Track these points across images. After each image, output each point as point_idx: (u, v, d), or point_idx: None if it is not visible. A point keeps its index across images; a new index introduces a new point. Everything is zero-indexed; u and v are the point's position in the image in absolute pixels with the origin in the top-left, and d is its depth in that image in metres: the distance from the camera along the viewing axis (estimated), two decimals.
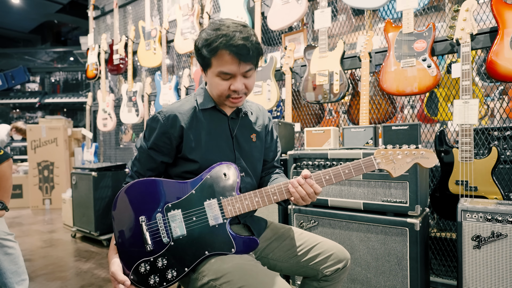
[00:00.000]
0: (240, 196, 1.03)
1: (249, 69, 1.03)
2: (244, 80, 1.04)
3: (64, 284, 2.28)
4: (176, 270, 0.98)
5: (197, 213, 1.01)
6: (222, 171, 1.04)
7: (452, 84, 2.06)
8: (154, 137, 1.08)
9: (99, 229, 3.15)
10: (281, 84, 2.71)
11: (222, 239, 1.00)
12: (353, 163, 1.03)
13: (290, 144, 2.23)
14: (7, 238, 1.76)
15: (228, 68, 1.00)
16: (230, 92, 1.04)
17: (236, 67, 1.00)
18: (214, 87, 1.06)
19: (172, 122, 1.07)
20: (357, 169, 1.02)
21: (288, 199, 1.05)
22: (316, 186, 1.01)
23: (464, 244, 1.42)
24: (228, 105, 1.10)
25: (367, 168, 1.03)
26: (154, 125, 1.08)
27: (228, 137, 1.14)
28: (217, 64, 1.01)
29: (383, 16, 2.47)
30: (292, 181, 1.02)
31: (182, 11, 3.29)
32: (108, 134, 4.62)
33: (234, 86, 1.03)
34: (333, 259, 1.11)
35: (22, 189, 5.33)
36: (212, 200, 1.02)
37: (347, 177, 1.03)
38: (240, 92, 1.05)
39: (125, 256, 1.00)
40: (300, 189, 1.00)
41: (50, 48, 9.08)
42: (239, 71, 1.01)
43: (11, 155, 1.84)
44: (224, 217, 1.01)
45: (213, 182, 1.03)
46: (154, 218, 1.00)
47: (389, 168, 1.03)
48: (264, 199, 1.03)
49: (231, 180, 1.04)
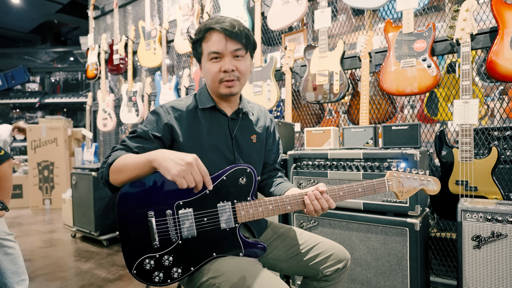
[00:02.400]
0: (255, 202, 1.01)
1: (237, 48, 1.04)
2: (234, 62, 1.05)
3: (64, 284, 2.28)
4: (182, 269, 0.97)
5: (209, 214, 0.98)
6: (239, 174, 1.01)
7: (452, 84, 2.06)
8: (154, 126, 1.06)
9: (99, 229, 3.15)
10: (281, 84, 2.71)
11: (231, 242, 0.99)
12: (366, 182, 1.06)
13: (290, 144, 2.23)
14: (7, 238, 1.76)
15: (216, 46, 1.03)
16: (221, 74, 1.05)
17: (223, 44, 1.02)
18: (207, 74, 1.07)
19: (173, 115, 1.07)
20: (370, 189, 1.06)
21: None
22: (332, 202, 1.02)
23: (464, 244, 1.42)
24: (223, 92, 1.08)
25: (379, 189, 1.07)
26: (155, 116, 1.07)
27: (228, 137, 1.13)
28: (206, 47, 1.05)
29: (383, 16, 2.47)
30: (309, 193, 1.01)
31: (182, 11, 3.29)
32: (108, 134, 4.62)
33: (223, 67, 1.04)
34: (333, 259, 1.11)
35: (22, 189, 5.33)
36: (226, 203, 0.99)
37: (360, 195, 1.06)
38: (231, 74, 1.05)
39: (129, 249, 0.96)
40: (316, 202, 1.00)
41: (50, 48, 9.09)
42: (227, 49, 1.03)
43: (11, 155, 1.84)
44: (236, 221, 0.99)
45: (229, 184, 1.00)
46: (164, 214, 0.96)
47: (397, 191, 1.08)
48: (278, 208, 1.02)
49: (248, 184, 1.02)
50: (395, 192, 1.08)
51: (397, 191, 1.08)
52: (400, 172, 1.09)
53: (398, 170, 1.09)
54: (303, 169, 1.82)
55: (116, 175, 0.96)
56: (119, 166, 0.95)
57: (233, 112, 1.16)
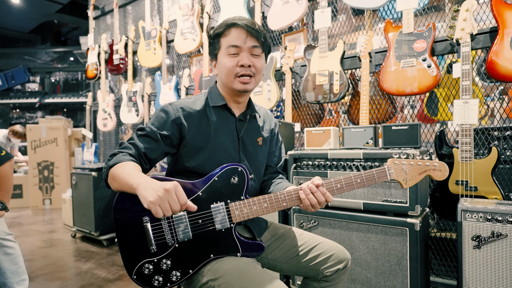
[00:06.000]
0: (249, 200, 1.00)
1: (256, 45, 1.07)
2: (251, 58, 1.07)
3: (64, 284, 2.28)
4: (180, 272, 0.97)
5: (203, 216, 0.98)
6: (230, 173, 1.00)
7: (452, 84, 2.06)
8: (163, 124, 1.06)
9: (99, 229, 3.15)
10: (281, 84, 2.71)
11: (228, 243, 0.99)
12: (366, 173, 1.00)
13: (290, 144, 2.23)
14: (7, 238, 1.76)
15: (236, 40, 1.05)
16: (238, 68, 1.06)
17: (243, 39, 1.05)
18: (223, 68, 1.08)
19: (182, 113, 1.07)
20: (369, 179, 1.01)
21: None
22: (328, 195, 0.99)
23: (464, 244, 1.42)
24: (237, 88, 1.08)
25: (380, 178, 1.01)
26: (164, 113, 1.07)
27: (235, 137, 1.13)
28: (225, 42, 1.07)
29: (383, 16, 2.47)
30: (303, 187, 0.99)
31: (182, 11, 3.29)
32: (108, 134, 4.62)
33: (241, 61, 1.05)
34: (334, 260, 1.11)
35: (22, 189, 5.33)
36: (219, 203, 0.98)
37: (359, 186, 1.00)
38: (248, 69, 1.06)
39: (128, 255, 0.97)
40: (311, 196, 0.98)
41: (50, 48, 9.09)
42: (246, 45, 1.05)
43: (12, 155, 1.84)
44: (231, 221, 0.99)
45: (221, 185, 0.99)
46: (158, 219, 0.95)
47: (400, 179, 1.01)
48: (273, 205, 1.00)
49: (240, 183, 1.00)
50: (398, 180, 1.01)
51: (400, 179, 1.00)
52: (402, 159, 1.02)
53: (401, 157, 1.03)
54: (303, 169, 1.82)
55: (111, 181, 0.98)
56: (113, 175, 0.96)
57: (241, 113, 1.16)
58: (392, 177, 1.01)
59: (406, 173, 1.01)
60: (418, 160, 1.02)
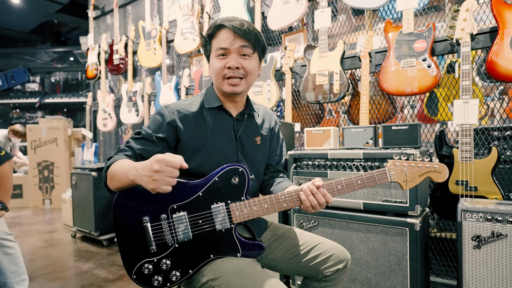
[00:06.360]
0: (249, 201, 1.00)
1: (244, 45, 1.05)
2: (240, 60, 1.06)
3: (64, 284, 2.28)
4: (180, 272, 0.97)
5: (203, 217, 0.98)
6: (231, 174, 1.00)
7: (452, 84, 2.06)
8: (159, 127, 1.06)
9: (99, 229, 3.15)
10: (281, 84, 2.71)
11: (228, 243, 0.99)
12: (366, 174, 1.00)
13: (290, 144, 2.23)
14: (7, 238, 1.76)
15: (224, 42, 1.04)
16: (226, 70, 1.05)
17: (231, 41, 1.04)
18: (213, 69, 1.09)
19: (177, 116, 1.07)
20: (370, 181, 1.01)
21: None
22: (329, 196, 0.99)
23: (464, 244, 1.42)
24: (226, 90, 1.08)
25: (380, 180, 1.01)
26: (159, 116, 1.07)
27: (232, 138, 1.13)
28: (215, 44, 1.07)
29: (383, 16, 2.47)
30: (304, 188, 0.99)
31: (182, 11, 3.29)
32: (108, 134, 4.62)
33: (228, 63, 1.05)
34: (334, 260, 1.11)
35: (22, 189, 5.33)
36: (219, 204, 0.98)
37: (359, 187, 1.00)
38: (236, 71, 1.05)
39: (128, 255, 0.97)
40: (312, 198, 0.98)
41: (50, 48, 9.09)
42: (234, 46, 1.04)
43: (12, 155, 1.84)
44: (231, 222, 0.99)
45: (221, 185, 0.99)
46: (158, 219, 0.96)
47: (400, 181, 1.01)
48: (273, 206, 1.00)
49: (240, 184, 1.00)
50: (398, 182, 1.01)
51: (401, 181, 1.01)
52: (402, 160, 1.02)
53: (401, 159, 1.03)
54: (303, 169, 1.82)
55: (110, 181, 0.98)
56: (111, 174, 0.97)
57: (238, 113, 1.16)
58: (392, 179, 1.02)
59: (406, 175, 1.01)
60: (419, 162, 1.02)
